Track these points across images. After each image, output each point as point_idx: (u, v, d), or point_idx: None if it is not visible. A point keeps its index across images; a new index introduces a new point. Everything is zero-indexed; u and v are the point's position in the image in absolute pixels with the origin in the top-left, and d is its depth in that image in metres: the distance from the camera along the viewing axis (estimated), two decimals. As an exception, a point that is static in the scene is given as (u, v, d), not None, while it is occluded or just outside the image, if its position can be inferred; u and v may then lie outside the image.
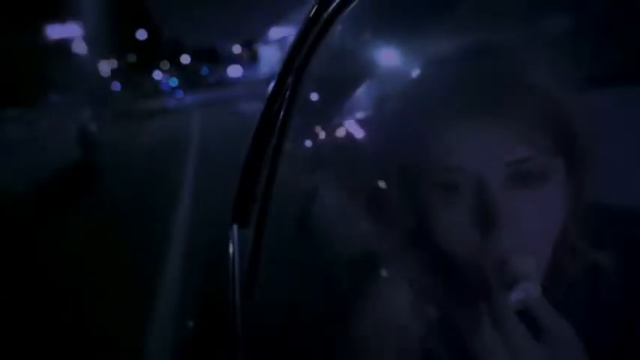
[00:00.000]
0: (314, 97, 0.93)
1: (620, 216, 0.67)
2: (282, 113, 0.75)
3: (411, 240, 0.68)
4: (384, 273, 0.74)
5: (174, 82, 49.21)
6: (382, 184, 0.73)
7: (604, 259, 0.64)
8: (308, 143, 1.03)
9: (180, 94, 39.27)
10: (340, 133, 0.91)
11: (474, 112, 0.60)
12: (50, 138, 7.77)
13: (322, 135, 1.00)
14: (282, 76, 0.76)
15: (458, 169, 0.60)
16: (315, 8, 0.75)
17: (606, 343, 0.62)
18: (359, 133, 0.83)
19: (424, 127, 0.63)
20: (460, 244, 0.62)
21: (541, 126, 0.59)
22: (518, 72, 0.61)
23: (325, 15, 0.74)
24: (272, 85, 0.78)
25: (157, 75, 45.50)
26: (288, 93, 0.75)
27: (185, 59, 71.64)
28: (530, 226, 0.59)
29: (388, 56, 0.84)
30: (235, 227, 0.76)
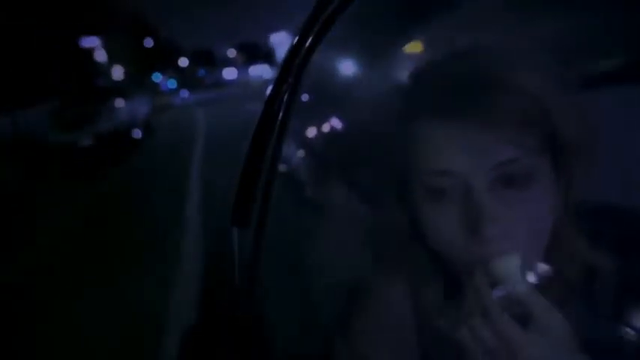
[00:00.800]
0: (305, 97, 0.89)
1: (620, 216, 0.64)
2: (281, 113, 0.72)
3: (405, 240, 0.66)
4: (381, 272, 0.71)
5: (172, 83, 48.91)
6: (374, 187, 0.71)
7: (602, 259, 0.61)
8: (302, 144, 1.00)
9: (185, 93, 40.89)
10: (331, 137, 0.89)
11: (460, 115, 0.57)
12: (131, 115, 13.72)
13: (314, 136, 0.97)
14: (281, 76, 0.72)
15: (445, 173, 0.58)
16: (314, 9, 0.71)
17: (603, 343, 0.58)
18: (348, 138, 0.81)
19: (412, 131, 0.61)
20: (449, 245, 0.60)
21: (527, 127, 0.57)
22: (504, 74, 0.58)
23: (325, 15, 0.70)
24: (271, 85, 0.74)
25: (157, 77, 45.32)
26: (287, 93, 0.72)
27: (183, 62, 71.42)
28: (519, 227, 0.57)
29: (377, 61, 0.81)
30: (235, 227, 0.72)
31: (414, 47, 0.75)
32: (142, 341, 2.97)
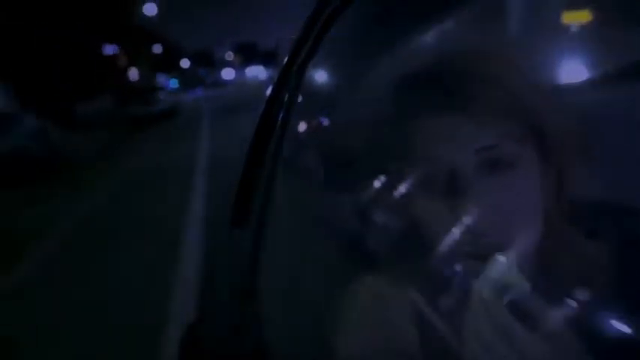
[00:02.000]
0: (304, 97, 0.85)
1: (619, 216, 0.60)
2: (281, 114, 0.67)
3: (400, 236, 0.62)
4: (376, 268, 0.67)
5: (174, 83, 48.41)
6: (368, 183, 0.67)
7: (596, 250, 0.57)
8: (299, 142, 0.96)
9: (200, 91, 43.37)
10: (324, 133, 0.85)
11: (445, 109, 0.56)
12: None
13: (310, 134, 0.92)
14: (282, 76, 0.67)
15: (431, 160, 0.57)
16: (315, 8, 0.66)
17: (602, 336, 0.54)
18: (340, 133, 0.76)
19: (401, 126, 0.59)
20: (441, 235, 0.56)
21: (507, 116, 0.55)
22: (486, 68, 0.56)
23: (325, 15, 0.65)
24: (272, 85, 0.69)
25: (160, 77, 44.92)
26: (288, 93, 0.67)
27: (185, 63, 71.05)
28: (505, 214, 0.54)
29: (374, 60, 0.76)
30: (235, 228, 0.67)
31: (579, 16, 0.67)
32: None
